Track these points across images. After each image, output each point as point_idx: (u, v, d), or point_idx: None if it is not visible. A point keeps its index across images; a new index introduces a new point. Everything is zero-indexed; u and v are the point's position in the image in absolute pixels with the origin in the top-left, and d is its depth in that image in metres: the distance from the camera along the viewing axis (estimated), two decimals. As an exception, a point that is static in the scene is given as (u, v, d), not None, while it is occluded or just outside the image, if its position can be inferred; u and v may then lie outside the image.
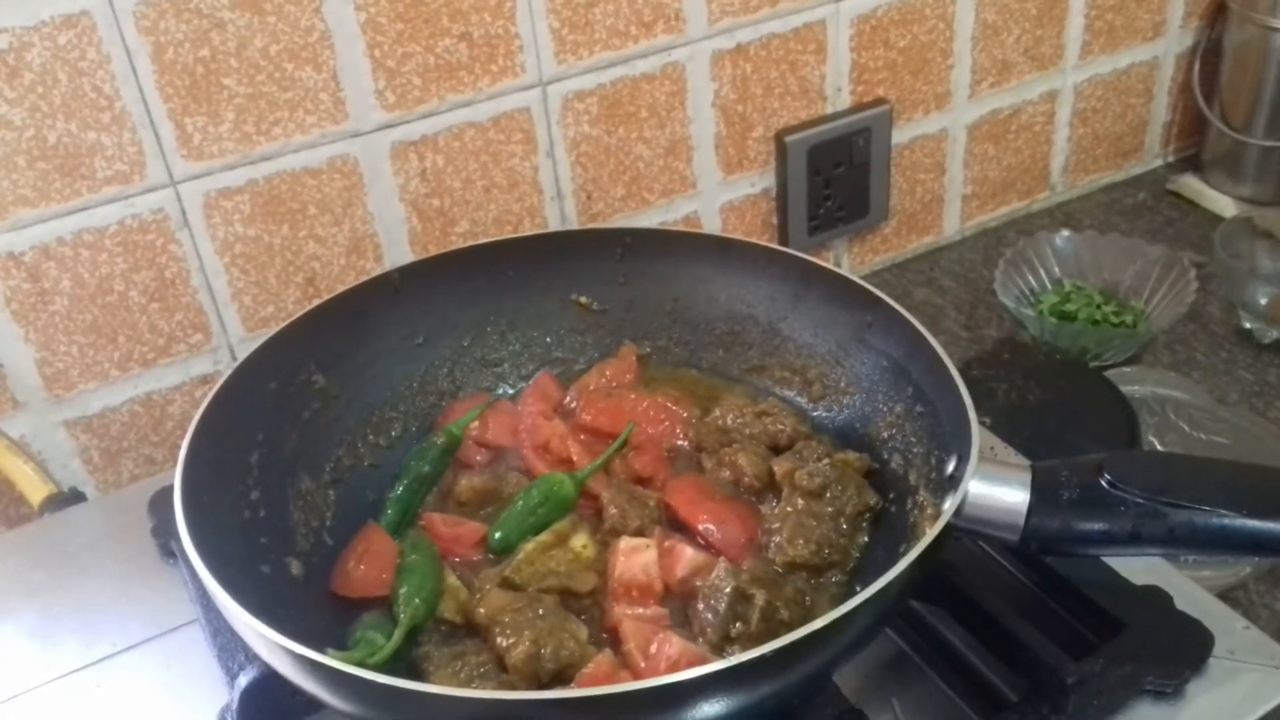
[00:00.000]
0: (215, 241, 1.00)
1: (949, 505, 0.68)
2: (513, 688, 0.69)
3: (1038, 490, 0.68)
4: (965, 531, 0.69)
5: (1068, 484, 0.68)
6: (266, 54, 0.94)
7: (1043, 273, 1.28)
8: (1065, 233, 1.30)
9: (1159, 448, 1.04)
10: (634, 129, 1.13)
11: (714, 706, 0.60)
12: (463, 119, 1.05)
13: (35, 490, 0.94)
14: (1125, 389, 1.07)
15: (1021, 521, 0.68)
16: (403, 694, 0.59)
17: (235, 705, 0.69)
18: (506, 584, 0.76)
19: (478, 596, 0.75)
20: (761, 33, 1.15)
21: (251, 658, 0.70)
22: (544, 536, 0.78)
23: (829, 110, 1.23)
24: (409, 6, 0.98)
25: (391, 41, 0.98)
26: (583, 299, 0.98)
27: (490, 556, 0.81)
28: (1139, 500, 0.66)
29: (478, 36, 1.02)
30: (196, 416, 0.77)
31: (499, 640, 0.71)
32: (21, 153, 0.90)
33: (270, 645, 0.62)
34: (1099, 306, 1.23)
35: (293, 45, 0.95)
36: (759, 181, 1.24)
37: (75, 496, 0.96)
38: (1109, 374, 1.11)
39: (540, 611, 0.73)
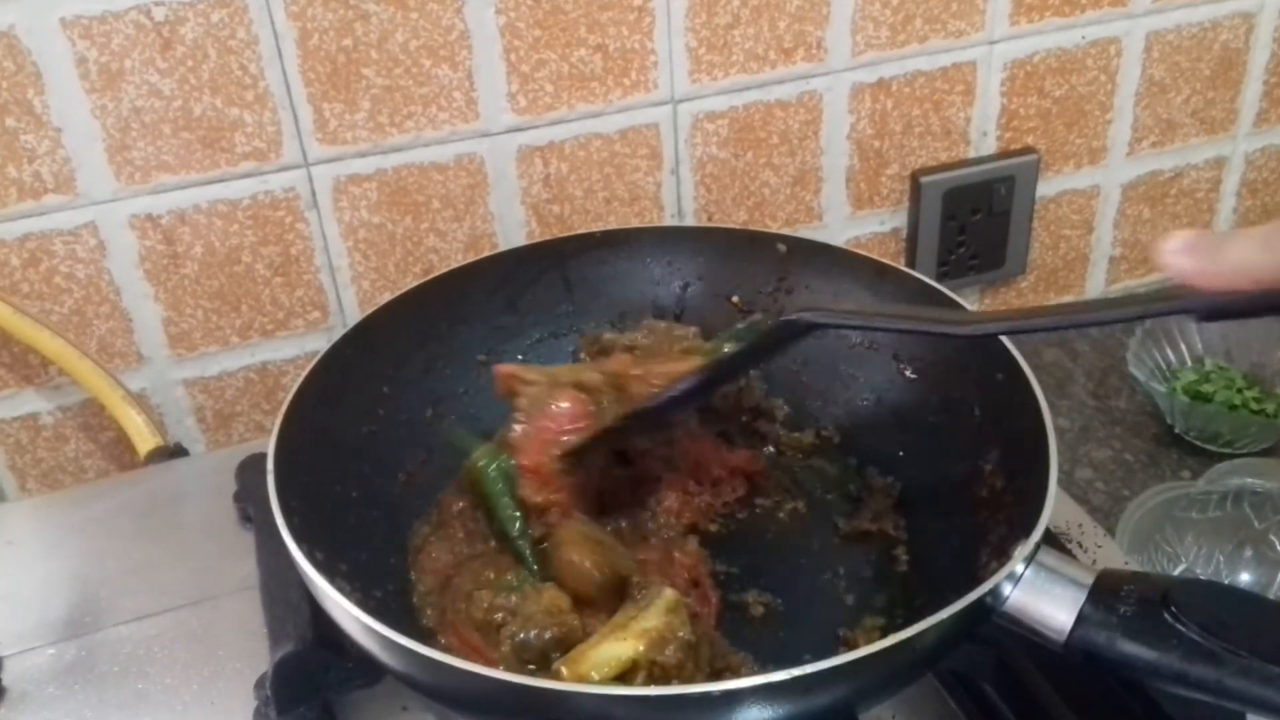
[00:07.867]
0: (341, 224, 1.03)
1: (985, 588, 0.62)
2: None
3: (1093, 599, 0.62)
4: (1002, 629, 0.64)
5: (1127, 598, 0.61)
6: (406, 48, 0.97)
7: (1184, 347, 1.21)
8: (1215, 308, 1.22)
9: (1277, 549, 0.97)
10: (763, 154, 1.12)
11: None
12: (590, 129, 1.05)
13: (144, 441, 0.99)
14: (1252, 482, 1.00)
15: (1067, 630, 0.62)
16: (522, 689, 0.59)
17: (270, 677, 0.71)
18: None
19: None
20: (906, 69, 1.12)
21: (292, 634, 0.71)
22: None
23: (971, 154, 1.19)
24: (548, 14, 0.99)
25: (528, 47, 1.00)
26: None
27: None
28: (1194, 636, 0.58)
29: (613, 49, 1.02)
30: (294, 387, 0.80)
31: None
32: (168, 121, 0.94)
33: (362, 627, 0.62)
34: (1240, 390, 1.15)
35: (432, 42, 0.97)
36: (889, 220, 1.21)
37: (178, 451, 1.01)
38: (1238, 462, 1.04)
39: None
